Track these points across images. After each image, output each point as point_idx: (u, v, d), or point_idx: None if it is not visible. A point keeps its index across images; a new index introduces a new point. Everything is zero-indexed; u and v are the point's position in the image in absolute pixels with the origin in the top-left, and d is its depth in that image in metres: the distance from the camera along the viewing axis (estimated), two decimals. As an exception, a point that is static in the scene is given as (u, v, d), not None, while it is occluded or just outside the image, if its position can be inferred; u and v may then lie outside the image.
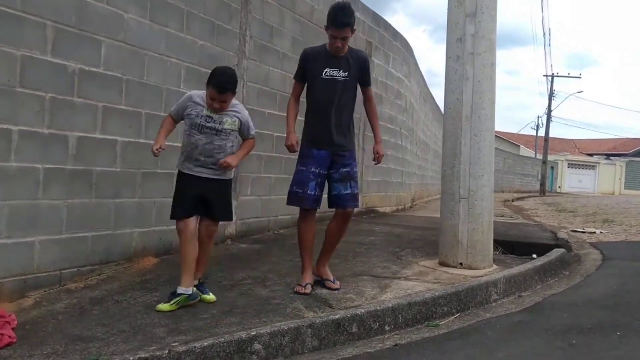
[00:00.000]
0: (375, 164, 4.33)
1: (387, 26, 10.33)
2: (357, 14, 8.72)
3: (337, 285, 4.08)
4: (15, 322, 3.11)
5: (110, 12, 4.24)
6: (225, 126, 3.62)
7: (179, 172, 3.71)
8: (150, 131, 4.61)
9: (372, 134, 4.36)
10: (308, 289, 3.93)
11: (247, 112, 3.81)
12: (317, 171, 4.00)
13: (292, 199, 4.06)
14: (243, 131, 3.76)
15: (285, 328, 3.08)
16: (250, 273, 4.48)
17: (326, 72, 3.98)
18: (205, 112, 3.58)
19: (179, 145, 5.05)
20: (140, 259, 4.55)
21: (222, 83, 3.50)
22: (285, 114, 4.19)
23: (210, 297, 3.68)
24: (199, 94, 3.66)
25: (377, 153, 4.26)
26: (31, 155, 3.70)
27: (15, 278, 3.62)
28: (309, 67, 4.04)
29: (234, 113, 3.67)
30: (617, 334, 3.51)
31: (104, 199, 4.26)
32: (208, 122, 3.59)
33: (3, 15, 3.50)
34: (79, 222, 4.05)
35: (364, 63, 4.14)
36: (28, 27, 3.64)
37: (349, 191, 4.05)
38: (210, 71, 5.27)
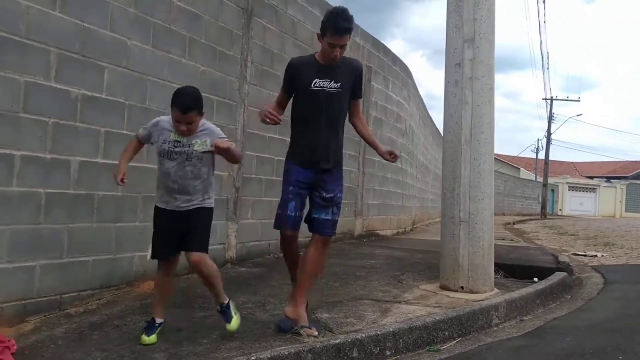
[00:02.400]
0: (394, 159, 3.91)
1: (387, 51, 10.45)
2: (356, 39, 8.86)
3: (314, 332, 3.51)
4: (15, 347, 3.10)
5: (114, 39, 4.31)
6: (195, 148, 3.31)
7: (155, 207, 3.45)
8: (152, 156, 4.63)
9: (374, 149, 3.96)
10: (315, 332, 3.52)
11: (218, 129, 3.47)
12: (296, 190, 3.63)
13: (275, 221, 3.70)
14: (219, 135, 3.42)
15: (286, 353, 3.06)
16: (250, 297, 4.47)
17: (315, 82, 3.61)
18: (172, 137, 3.31)
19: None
20: (140, 282, 4.55)
21: (184, 102, 3.22)
22: (282, 137, 4.02)
23: (231, 325, 3.40)
24: (166, 119, 3.39)
25: (391, 153, 3.85)
26: (33, 180, 3.72)
27: (15, 303, 3.61)
28: (296, 78, 3.67)
29: (203, 133, 3.35)
30: (620, 358, 3.49)
31: (105, 223, 4.28)
32: (176, 147, 3.31)
33: (8, 42, 3.55)
34: (80, 246, 4.06)
35: (358, 73, 3.78)
36: (32, 53, 3.70)
37: (329, 217, 3.67)
38: (211, 96, 5.40)
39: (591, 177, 51.83)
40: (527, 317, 4.64)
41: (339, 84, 3.66)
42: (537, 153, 45.39)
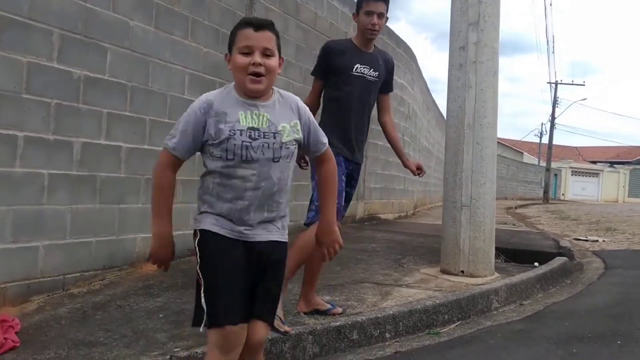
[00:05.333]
0: (421, 175, 3.83)
1: (390, 33, 10.37)
2: (360, 22, 8.79)
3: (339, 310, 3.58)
4: (19, 326, 3.14)
5: (116, 20, 4.28)
6: (285, 138, 2.01)
7: (206, 232, 2.00)
8: (155, 138, 4.65)
9: (399, 159, 3.79)
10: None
11: (297, 99, 2.15)
12: (344, 179, 3.37)
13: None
14: (310, 142, 2.13)
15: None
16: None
17: (357, 68, 3.41)
18: (244, 121, 1.96)
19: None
20: (143, 264, 4.57)
21: (255, 18, 2.12)
22: None
23: None
24: (220, 92, 2.03)
25: (419, 167, 3.76)
26: (36, 161, 3.73)
27: (19, 283, 3.64)
28: (334, 62, 3.42)
29: (283, 106, 2.06)
30: (618, 343, 3.52)
31: (108, 205, 4.29)
32: (255, 138, 1.95)
33: (10, 22, 3.54)
34: (83, 227, 4.08)
35: (391, 66, 3.65)
36: (35, 34, 3.69)
37: (344, 212, 3.52)
38: (214, 78, 5.37)
39: (594, 162, 51.75)
40: (527, 301, 4.66)
41: (376, 72, 3.50)
42: (540, 137, 45.32)
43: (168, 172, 2.01)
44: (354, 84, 3.41)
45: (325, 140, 2.17)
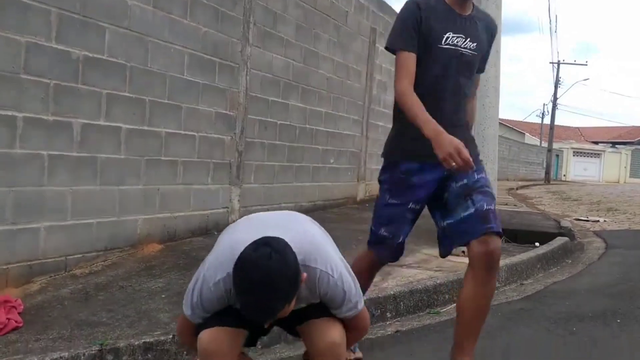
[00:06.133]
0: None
1: (392, 13, 10.26)
2: (361, 0, 8.70)
3: None
4: (22, 307, 3.15)
5: (114, -1, 4.24)
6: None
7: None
8: (154, 118, 4.63)
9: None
10: None
11: (336, 280, 1.96)
12: (415, 207, 2.55)
13: (376, 243, 2.63)
14: (336, 306, 2.02)
15: (288, 314, 3.10)
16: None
17: (448, 38, 2.40)
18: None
19: (184, 132, 5.09)
20: (144, 245, 4.59)
21: (254, 310, 1.77)
22: (284, 101, 3.20)
23: None
24: (212, 288, 1.94)
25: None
26: (36, 142, 3.72)
27: (21, 264, 3.66)
28: (424, 26, 2.39)
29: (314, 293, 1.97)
30: (618, 321, 3.54)
31: (109, 186, 4.29)
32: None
33: (8, 2, 3.50)
34: (84, 208, 4.08)
35: (494, 33, 2.65)
36: (33, 13, 3.65)
37: (471, 211, 2.41)
38: (213, 59, 5.33)
39: (596, 143, 51.60)
40: (528, 281, 4.68)
41: (474, 44, 2.48)
42: (542, 118, 45.09)
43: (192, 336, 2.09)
44: (442, 61, 2.43)
45: (359, 305, 2.07)
